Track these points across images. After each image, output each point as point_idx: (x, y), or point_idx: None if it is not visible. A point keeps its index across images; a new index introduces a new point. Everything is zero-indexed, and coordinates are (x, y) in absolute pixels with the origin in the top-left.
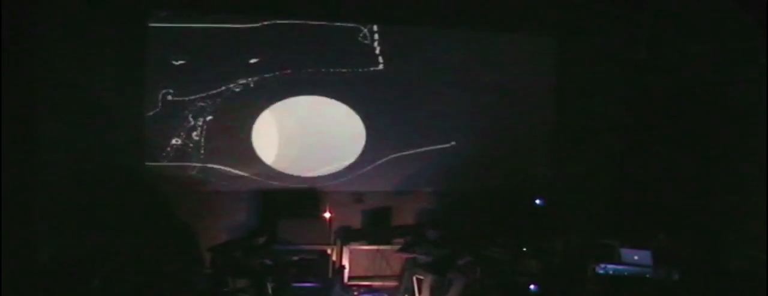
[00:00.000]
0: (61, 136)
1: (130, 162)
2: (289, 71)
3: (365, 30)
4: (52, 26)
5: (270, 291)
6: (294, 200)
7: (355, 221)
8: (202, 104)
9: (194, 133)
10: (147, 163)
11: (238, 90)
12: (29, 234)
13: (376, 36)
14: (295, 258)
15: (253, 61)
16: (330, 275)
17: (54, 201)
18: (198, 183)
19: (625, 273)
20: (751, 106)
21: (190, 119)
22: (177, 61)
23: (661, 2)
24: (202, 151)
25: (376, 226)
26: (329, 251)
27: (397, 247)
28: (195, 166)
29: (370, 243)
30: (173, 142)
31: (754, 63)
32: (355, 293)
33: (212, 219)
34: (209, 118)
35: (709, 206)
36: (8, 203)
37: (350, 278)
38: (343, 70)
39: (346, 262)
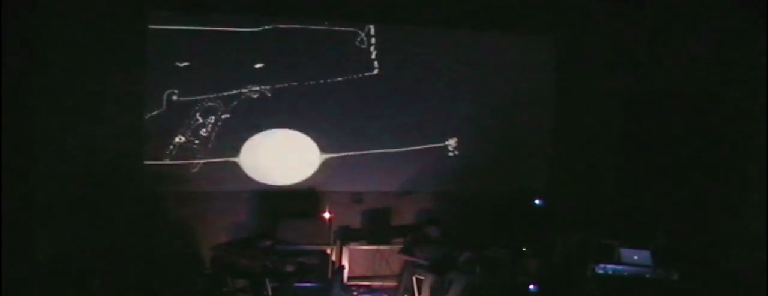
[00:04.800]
0: (61, 136)
1: (129, 162)
2: (295, 83)
3: (362, 34)
4: (52, 26)
5: (270, 291)
6: (294, 200)
7: (355, 221)
8: (212, 104)
9: (203, 130)
10: (146, 162)
11: (255, 96)
12: (29, 234)
13: (373, 40)
14: (293, 266)
15: (258, 65)
16: (329, 275)
17: (54, 201)
18: (198, 182)
19: (625, 273)
20: (751, 106)
21: (198, 117)
22: (181, 62)
23: (661, 2)
24: (210, 146)
25: (375, 226)
26: (329, 251)
27: (397, 247)
28: (198, 163)
29: (369, 243)
30: (177, 139)
31: (754, 63)
32: (355, 293)
33: (212, 219)
34: (224, 116)
35: (709, 206)
36: (8, 203)
37: (350, 278)
38: (341, 78)
39: (345, 262)
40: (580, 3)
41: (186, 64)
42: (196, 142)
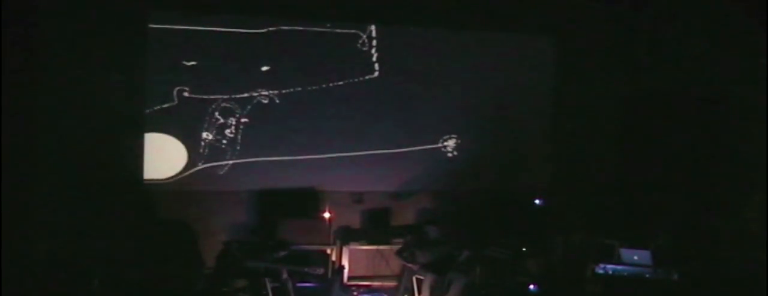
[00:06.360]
0: (61, 135)
1: (129, 162)
2: (299, 88)
3: (364, 36)
4: (53, 26)
5: (270, 291)
6: (294, 200)
7: (355, 221)
8: (227, 105)
9: (227, 131)
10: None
11: (265, 101)
12: (29, 233)
13: (374, 42)
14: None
15: (265, 68)
16: (329, 275)
17: (53, 200)
18: (199, 182)
19: (625, 273)
20: (751, 106)
21: (218, 116)
22: (188, 62)
23: (661, 2)
24: (238, 147)
25: (375, 226)
26: (329, 251)
27: (397, 247)
28: (226, 164)
29: (369, 243)
30: (204, 135)
31: (754, 63)
32: (355, 293)
33: (212, 219)
34: (244, 119)
35: (710, 206)
36: (8, 202)
37: (350, 278)
38: (343, 81)
39: (345, 262)
40: (580, 3)
41: (193, 63)
42: (224, 141)
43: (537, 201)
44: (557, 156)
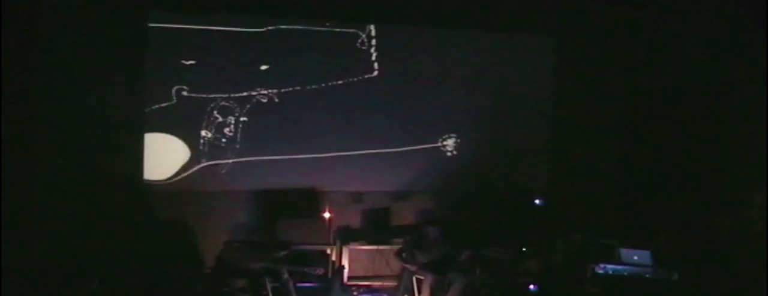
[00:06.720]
0: (61, 135)
1: (129, 162)
2: (299, 87)
3: (363, 35)
4: (53, 25)
5: (270, 291)
6: (294, 200)
7: (355, 221)
8: (226, 104)
9: (226, 130)
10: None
11: (264, 100)
12: (28, 234)
13: (374, 41)
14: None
15: (263, 67)
16: (330, 275)
17: (53, 200)
18: (198, 182)
19: (625, 273)
20: (751, 106)
21: (217, 115)
22: (187, 60)
23: (661, 2)
24: (238, 146)
25: (375, 226)
26: (329, 251)
27: (397, 247)
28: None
29: (369, 243)
30: (203, 134)
31: (754, 63)
32: (355, 293)
33: (212, 219)
34: (243, 118)
35: (710, 206)
36: (8, 202)
37: (350, 278)
38: (342, 80)
39: (345, 262)
40: (580, 3)
41: (192, 62)
42: (223, 139)
43: (537, 201)
44: (557, 156)
